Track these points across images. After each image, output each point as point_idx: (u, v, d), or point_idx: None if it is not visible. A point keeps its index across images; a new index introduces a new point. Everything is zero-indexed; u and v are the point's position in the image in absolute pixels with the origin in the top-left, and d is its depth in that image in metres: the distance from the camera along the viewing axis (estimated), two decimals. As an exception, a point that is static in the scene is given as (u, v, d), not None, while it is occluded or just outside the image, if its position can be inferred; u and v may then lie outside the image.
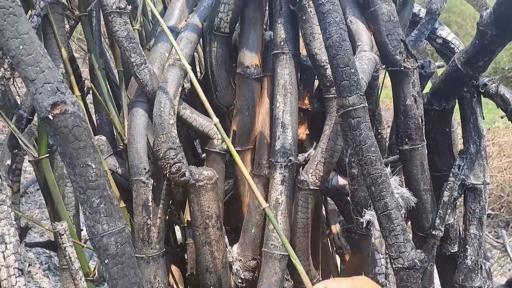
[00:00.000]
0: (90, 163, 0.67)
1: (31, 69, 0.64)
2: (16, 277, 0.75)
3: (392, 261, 0.75)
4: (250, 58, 1.02)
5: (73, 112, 0.66)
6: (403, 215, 0.76)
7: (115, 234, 0.69)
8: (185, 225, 1.25)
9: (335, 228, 1.41)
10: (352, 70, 0.73)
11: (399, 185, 0.86)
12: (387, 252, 0.84)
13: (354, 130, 0.75)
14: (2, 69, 0.88)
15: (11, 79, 1.16)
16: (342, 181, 1.17)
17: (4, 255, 0.75)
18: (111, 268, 0.69)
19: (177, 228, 1.47)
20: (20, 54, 0.64)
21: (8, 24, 0.63)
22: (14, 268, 0.75)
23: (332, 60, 0.75)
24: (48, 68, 0.65)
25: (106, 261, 0.69)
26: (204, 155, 1.13)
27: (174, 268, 1.21)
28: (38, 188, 3.32)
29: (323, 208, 1.39)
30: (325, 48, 0.75)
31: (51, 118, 0.64)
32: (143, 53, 0.94)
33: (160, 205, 0.99)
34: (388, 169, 0.79)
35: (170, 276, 1.15)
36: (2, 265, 0.74)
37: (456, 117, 1.12)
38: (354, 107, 0.74)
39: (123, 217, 0.71)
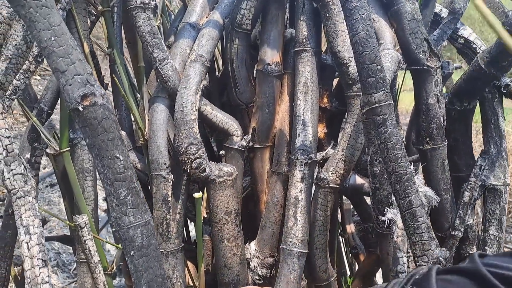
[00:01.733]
0: (118, 155, 0.67)
1: (62, 61, 0.64)
2: (39, 268, 0.75)
3: (416, 259, 0.74)
4: (271, 56, 1.02)
5: (103, 104, 0.66)
6: (426, 214, 0.76)
7: (141, 226, 0.69)
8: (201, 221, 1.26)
9: (350, 228, 1.41)
10: (379, 67, 0.73)
11: (422, 184, 0.85)
12: (409, 250, 0.84)
13: (380, 127, 0.74)
14: (27, 62, 0.88)
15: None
16: (359, 180, 1.17)
17: (28, 245, 0.75)
18: (136, 260, 0.69)
19: (191, 226, 1.48)
20: (51, 46, 0.64)
21: (40, 16, 0.64)
22: (38, 259, 0.75)
23: (358, 57, 0.74)
24: (79, 60, 0.65)
25: (132, 253, 0.69)
26: (221, 152, 1.13)
27: (189, 264, 1.21)
28: (47, 185, 3.34)
29: (339, 208, 1.39)
30: (351, 44, 0.75)
31: (81, 109, 0.64)
32: (165, 48, 0.94)
33: (180, 200, 0.99)
34: (412, 168, 0.78)
35: (186, 271, 1.15)
36: (26, 256, 0.75)
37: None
38: (380, 104, 0.73)
39: (149, 209, 0.71)
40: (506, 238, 3.07)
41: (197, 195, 0.89)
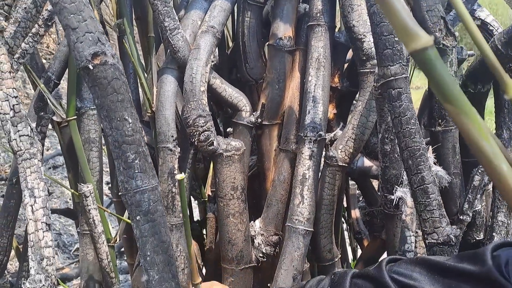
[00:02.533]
0: (127, 118, 0.66)
1: (73, 17, 0.63)
2: (43, 232, 0.74)
3: (425, 236, 0.73)
4: (283, 30, 1.00)
5: (113, 64, 0.64)
6: (438, 191, 0.74)
7: (148, 191, 0.68)
8: (205, 199, 1.25)
9: (355, 213, 1.40)
10: (396, 39, 0.71)
11: (434, 163, 0.84)
12: (417, 229, 0.82)
13: (394, 101, 0.73)
14: (36, 25, 0.87)
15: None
16: (367, 162, 1.15)
17: (32, 208, 0.74)
18: (142, 225, 0.68)
19: (194, 204, 1.47)
20: (63, 1, 0.63)
21: (52, -30, 0.62)
22: (42, 223, 0.74)
23: (375, 28, 0.73)
24: (90, 18, 0.64)
25: (138, 217, 0.68)
26: (229, 129, 1.12)
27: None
28: (49, 166, 3.33)
29: (344, 192, 1.38)
30: (368, 15, 0.73)
31: (91, 68, 0.63)
32: (176, 18, 0.92)
33: (186, 174, 0.98)
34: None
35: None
36: (30, 219, 0.74)
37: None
38: (396, 77, 0.72)
39: (156, 175, 0.70)
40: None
41: (179, 176, 0.81)
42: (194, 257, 0.89)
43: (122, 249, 2.13)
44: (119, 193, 0.68)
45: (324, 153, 0.98)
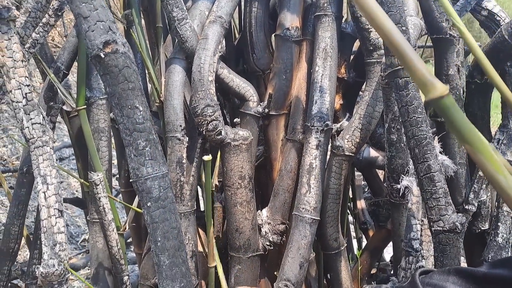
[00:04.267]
0: (138, 105, 0.67)
1: (85, 6, 0.64)
2: (56, 218, 0.76)
3: (431, 224, 0.74)
4: (290, 20, 1.01)
5: (124, 53, 0.65)
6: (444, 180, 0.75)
7: (158, 178, 0.69)
8: (213, 189, 1.26)
9: (360, 203, 1.40)
10: (403, 28, 0.72)
11: (440, 152, 0.84)
12: (423, 217, 0.83)
13: (401, 90, 0.73)
14: (46, 15, 0.88)
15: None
16: (373, 153, 1.16)
17: (45, 195, 0.75)
18: (153, 212, 0.69)
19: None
20: (74, -10, 0.63)
21: (64, -41, 0.63)
22: (54, 209, 0.76)
23: (383, 17, 0.73)
24: (101, 7, 0.65)
25: (149, 204, 0.69)
26: (236, 120, 1.12)
27: (200, 231, 1.22)
28: (56, 158, 3.36)
29: (350, 183, 1.39)
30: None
31: (102, 56, 0.64)
32: (184, 8, 0.93)
33: (194, 163, 0.99)
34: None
35: (197, 237, 1.16)
36: (43, 205, 0.75)
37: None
38: (403, 67, 0.72)
39: (166, 163, 0.71)
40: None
41: (206, 157, 0.88)
42: (213, 241, 0.92)
43: (129, 240, 2.16)
44: (130, 180, 0.69)
45: (330, 143, 0.99)
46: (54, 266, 0.73)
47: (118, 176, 1.41)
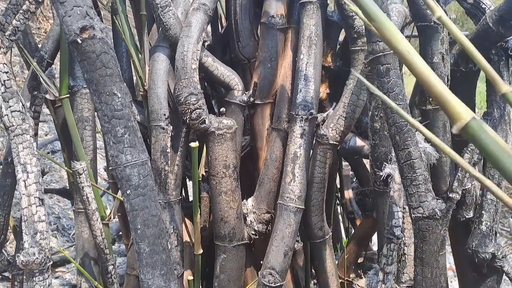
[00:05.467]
0: (116, 92, 0.66)
1: (61, -9, 0.63)
2: (36, 206, 0.75)
3: (411, 210, 0.74)
4: (275, 8, 1.00)
5: (101, 38, 0.65)
6: (425, 167, 0.75)
7: (138, 166, 0.69)
8: (200, 179, 1.26)
9: (348, 193, 1.41)
10: (386, 14, 0.71)
11: (423, 140, 0.85)
12: (405, 206, 0.84)
13: (383, 77, 0.73)
14: (27, 2, 0.87)
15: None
16: (360, 142, 1.16)
17: (25, 183, 0.75)
18: (133, 199, 0.69)
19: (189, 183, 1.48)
20: (50, -25, 0.63)
21: None
22: (34, 198, 0.75)
23: (364, 3, 0.73)
24: (78, -8, 0.64)
25: (128, 191, 0.69)
26: (222, 109, 1.12)
27: (187, 220, 1.22)
28: (48, 151, 3.35)
29: (337, 173, 1.39)
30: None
31: (79, 42, 0.63)
32: (168, -5, 0.92)
33: (178, 153, 0.99)
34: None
35: (183, 227, 1.16)
36: (24, 194, 0.75)
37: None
38: (384, 53, 0.72)
39: (146, 150, 0.71)
40: (505, 224, 3.07)
41: (193, 144, 0.88)
42: (198, 229, 0.92)
43: (121, 233, 2.16)
44: (109, 168, 0.69)
45: (315, 131, 0.99)
46: (34, 254, 0.72)
47: (107, 168, 1.40)
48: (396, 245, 0.82)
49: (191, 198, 1.38)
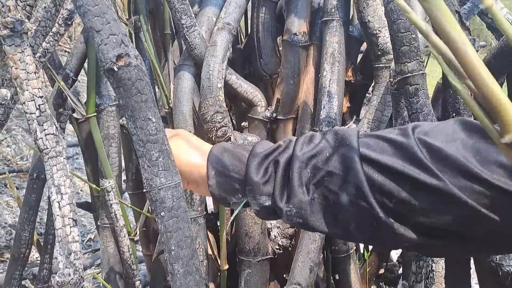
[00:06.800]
0: (151, 117, 0.67)
1: (97, 20, 0.64)
2: (70, 227, 0.76)
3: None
4: (298, 25, 1.01)
5: (137, 65, 0.66)
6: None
7: (171, 188, 0.70)
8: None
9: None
10: (413, 36, 0.72)
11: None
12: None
13: (412, 97, 0.74)
14: (56, 24, 0.88)
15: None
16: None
17: (59, 205, 0.76)
18: (167, 221, 0.70)
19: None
20: (87, 4, 0.64)
21: (76, -26, 0.63)
22: (68, 218, 0.77)
23: (392, 25, 0.73)
24: (113, 20, 0.65)
25: (162, 213, 0.70)
26: (243, 124, 1.13)
27: (209, 233, 1.23)
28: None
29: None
30: (385, 12, 0.74)
31: (116, 69, 0.64)
32: (193, 15, 0.94)
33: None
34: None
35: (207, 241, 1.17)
36: (58, 215, 0.76)
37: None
38: (413, 74, 0.73)
39: (178, 172, 0.72)
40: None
41: None
42: (225, 245, 0.93)
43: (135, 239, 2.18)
44: (144, 190, 0.70)
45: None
46: (70, 275, 0.73)
47: (125, 178, 1.42)
48: (425, 262, 0.82)
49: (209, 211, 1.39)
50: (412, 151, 0.48)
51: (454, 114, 0.98)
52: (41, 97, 0.74)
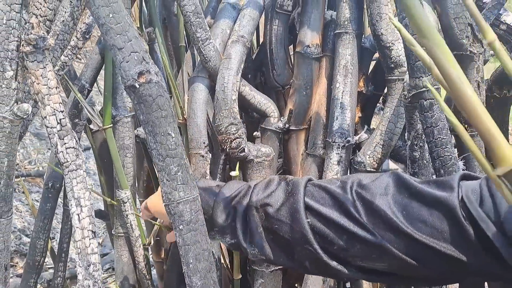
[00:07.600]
0: (170, 132, 0.69)
1: (120, 38, 0.66)
2: (89, 239, 0.78)
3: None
4: (311, 37, 1.02)
5: (157, 82, 0.67)
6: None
7: (190, 202, 0.71)
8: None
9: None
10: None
11: (463, 169, 0.86)
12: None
13: (426, 111, 0.75)
14: (74, 38, 0.90)
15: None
16: (392, 165, 1.17)
17: (79, 217, 0.78)
18: (185, 234, 0.71)
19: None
20: (109, 22, 0.65)
21: (99, -7, 0.65)
22: (88, 231, 0.78)
23: (407, 40, 0.74)
24: (135, 38, 0.67)
25: (181, 227, 0.71)
26: (255, 133, 1.14)
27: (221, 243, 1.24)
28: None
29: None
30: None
31: (137, 86, 0.66)
32: (208, 28, 0.95)
33: (217, 179, 1.01)
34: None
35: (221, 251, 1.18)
36: (77, 227, 0.78)
37: None
38: (428, 88, 0.73)
39: (196, 186, 0.73)
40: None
41: (233, 173, 0.90)
42: (238, 255, 0.94)
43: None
44: (163, 204, 0.71)
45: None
46: (89, 286, 0.75)
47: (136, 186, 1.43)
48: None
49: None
50: (348, 206, 0.56)
51: (466, 126, 0.99)
52: (62, 111, 0.76)
